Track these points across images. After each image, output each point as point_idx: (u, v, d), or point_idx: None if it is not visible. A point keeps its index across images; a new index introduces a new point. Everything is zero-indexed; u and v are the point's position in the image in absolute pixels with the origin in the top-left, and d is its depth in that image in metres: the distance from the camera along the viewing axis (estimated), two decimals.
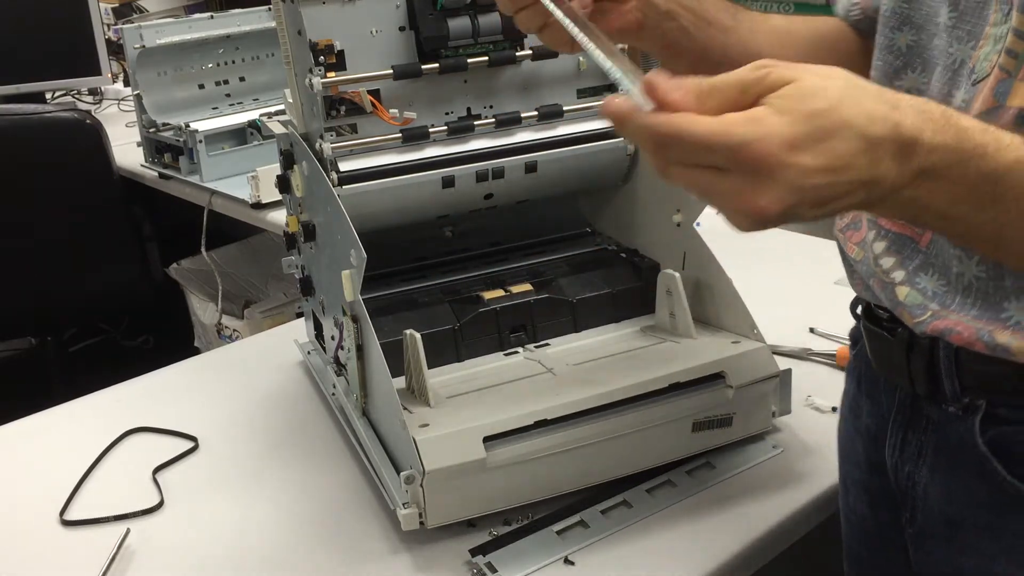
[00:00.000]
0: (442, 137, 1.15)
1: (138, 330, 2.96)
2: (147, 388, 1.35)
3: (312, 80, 1.08)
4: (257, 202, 2.00)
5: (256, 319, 2.27)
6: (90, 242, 2.37)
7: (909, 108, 0.57)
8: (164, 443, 1.20)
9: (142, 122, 2.30)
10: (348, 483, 1.09)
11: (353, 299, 1.01)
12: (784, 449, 1.08)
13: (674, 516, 1.00)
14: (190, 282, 2.46)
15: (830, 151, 0.55)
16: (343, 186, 1.11)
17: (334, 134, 1.11)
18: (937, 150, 0.56)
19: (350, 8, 1.09)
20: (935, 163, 0.57)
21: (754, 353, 1.07)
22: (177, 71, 2.33)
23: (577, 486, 1.02)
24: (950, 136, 0.57)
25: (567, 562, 0.94)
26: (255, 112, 2.26)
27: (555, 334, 1.18)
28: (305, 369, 1.35)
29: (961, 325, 0.71)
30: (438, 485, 0.94)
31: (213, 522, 1.05)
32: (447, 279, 1.24)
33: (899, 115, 0.56)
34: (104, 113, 3.01)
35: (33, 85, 2.82)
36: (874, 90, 0.57)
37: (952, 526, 0.77)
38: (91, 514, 1.06)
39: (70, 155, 2.29)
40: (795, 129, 0.55)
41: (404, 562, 0.96)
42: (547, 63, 1.17)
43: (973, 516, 0.74)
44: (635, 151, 1.22)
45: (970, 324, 0.71)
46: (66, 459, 1.16)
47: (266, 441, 1.19)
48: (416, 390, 1.05)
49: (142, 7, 3.42)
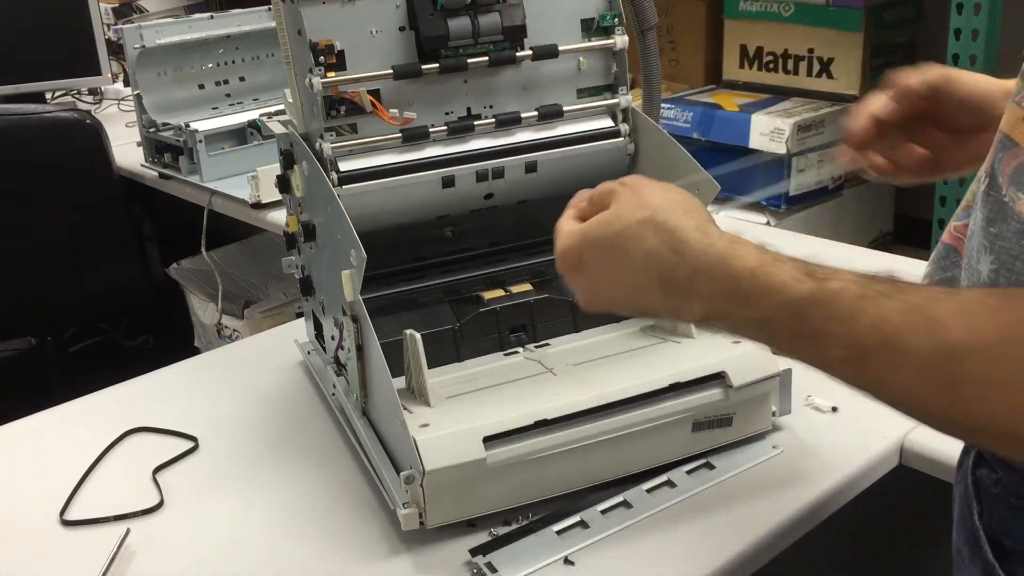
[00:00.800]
0: (442, 137, 1.15)
1: (138, 330, 2.96)
2: (147, 388, 1.35)
3: (312, 80, 1.08)
4: (257, 202, 2.00)
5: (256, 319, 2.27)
6: (90, 242, 2.36)
7: (690, 255, 0.60)
8: (164, 443, 1.20)
9: (142, 122, 2.30)
10: (348, 483, 1.09)
11: (353, 299, 1.01)
12: (784, 449, 1.08)
13: (674, 516, 1.00)
14: (190, 282, 2.46)
15: (617, 282, 0.65)
16: (343, 186, 1.11)
17: (334, 134, 1.11)
18: (707, 298, 0.60)
19: (350, 8, 1.09)
20: (710, 309, 0.61)
21: (754, 353, 1.07)
22: (177, 71, 2.33)
23: (577, 486, 1.02)
24: (719, 280, 0.59)
25: (567, 562, 0.94)
26: (255, 112, 2.26)
27: (555, 334, 1.18)
28: (305, 369, 1.35)
29: None
30: (438, 485, 0.94)
31: (213, 522, 1.05)
32: (447, 279, 1.24)
33: (676, 261, 0.61)
34: (104, 113, 3.01)
35: (33, 85, 2.82)
36: (671, 226, 0.62)
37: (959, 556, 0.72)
38: (91, 514, 1.06)
39: (70, 155, 2.29)
40: (585, 253, 0.68)
41: (404, 562, 0.96)
42: (547, 63, 1.17)
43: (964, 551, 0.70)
44: (635, 151, 1.22)
45: None
46: (66, 459, 1.16)
47: (266, 441, 1.19)
48: (416, 390, 1.05)
49: (142, 7, 3.42)
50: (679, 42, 2.64)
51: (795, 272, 0.57)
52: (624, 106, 1.22)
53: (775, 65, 2.46)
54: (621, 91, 1.22)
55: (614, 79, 1.22)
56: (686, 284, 0.61)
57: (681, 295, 0.61)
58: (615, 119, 1.22)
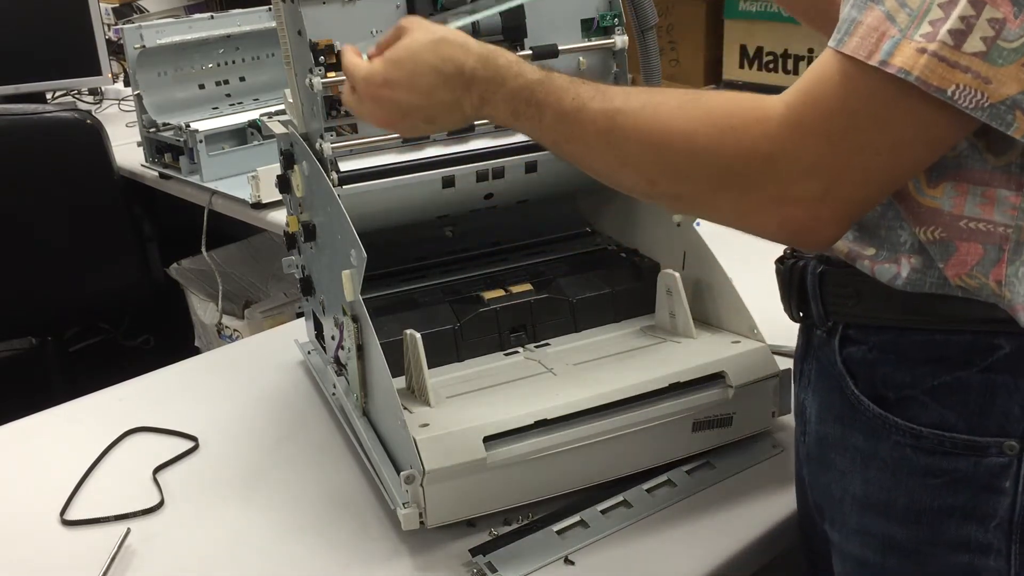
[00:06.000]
0: (442, 137, 1.15)
1: (138, 330, 2.96)
2: (147, 388, 1.35)
3: (312, 80, 1.08)
4: (257, 202, 2.00)
5: (256, 319, 2.27)
6: (90, 242, 2.36)
7: (476, 55, 0.80)
8: (164, 443, 1.20)
9: (142, 122, 2.30)
10: (348, 483, 1.09)
11: (353, 299, 1.01)
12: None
13: (674, 516, 1.00)
14: (190, 282, 2.46)
15: (414, 85, 0.81)
16: (343, 186, 1.11)
17: (334, 134, 1.11)
18: (482, 82, 0.79)
19: (350, 8, 1.09)
20: (483, 91, 0.80)
21: (754, 353, 1.07)
22: (177, 71, 2.32)
23: (577, 486, 1.02)
24: (491, 71, 0.79)
25: (567, 562, 0.94)
26: (255, 112, 2.26)
27: (555, 334, 1.18)
28: (305, 369, 1.35)
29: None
30: (438, 485, 0.94)
31: (213, 522, 1.05)
32: (447, 279, 1.24)
33: (464, 58, 0.80)
34: (104, 113, 3.01)
35: (33, 85, 2.82)
36: (460, 40, 0.81)
37: (822, 444, 0.81)
38: (91, 514, 1.06)
39: (70, 155, 2.28)
40: (388, 70, 0.83)
41: (404, 562, 0.96)
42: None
43: (833, 432, 0.80)
44: None
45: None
46: (66, 459, 1.16)
47: (266, 441, 1.19)
48: (416, 390, 1.05)
49: (142, 7, 3.42)
50: (679, 42, 2.64)
51: (534, 66, 0.79)
52: None
53: (775, 65, 2.46)
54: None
55: (614, 79, 1.22)
56: (469, 77, 0.79)
57: (463, 88, 0.80)
58: None
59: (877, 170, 0.65)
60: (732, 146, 0.67)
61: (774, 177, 0.65)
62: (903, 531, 0.75)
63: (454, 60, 0.80)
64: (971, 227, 0.68)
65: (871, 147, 0.64)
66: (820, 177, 0.64)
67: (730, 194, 0.68)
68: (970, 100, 0.60)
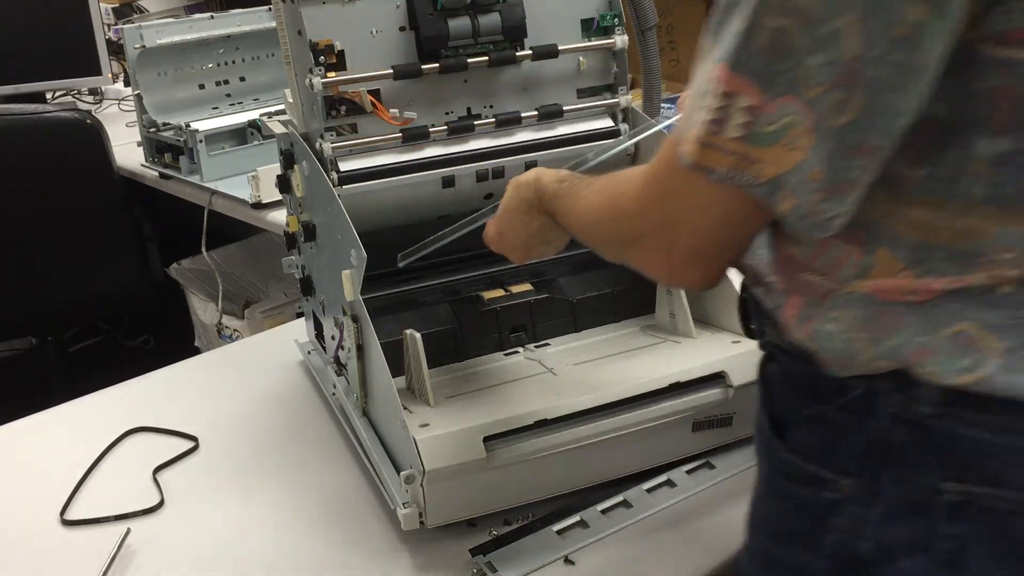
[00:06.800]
0: (442, 137, 1.15)
1: (138, 330, 2.96)
2: (147, 388, 1.35)
3: (312, 80, 1.08)
4: (257, 202, 2.00)
5: (256, 319, 2.27)
6: (90, 242, 2.36)
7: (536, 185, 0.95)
8: (164, 443, 1.20)
9: (142, 122, 2.30)
10: (348, 483, 1.09)
11: (353, 299, 1.01)
12: None
13: (674, 516, 1.00)
14: (190, 282, 2.45)
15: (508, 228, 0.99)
16: (343, 186, 1.11)
17: (334, 134, 1.11)
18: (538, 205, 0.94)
19: (350, 8, 1.09)
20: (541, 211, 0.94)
21: (754, 353, 1.06)
22: (177, 71, 2.32)
23: (577, 486, 1.02)
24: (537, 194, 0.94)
25: (567, 562, 0.94)
26: (255, 112, 2.26)
27: (555, 334, 1.18)
28: (305, 369, 1.35)
29: None
30: (438, 485, 0.94)
31: (213, 522, 1.05)
32: (447, 279, 1.24)
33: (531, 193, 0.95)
34: (104, 113, 3.00)
35: (33, 85, 2.82)
36: (530, 178, 0.96)
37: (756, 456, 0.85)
38: (91, 514, 1.06)
39: (70, 155, 2.28)
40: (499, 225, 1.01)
41: (404, 562, 0.96)
42: (547, 63, 1.17)
43: (756, 443, 0.83)
44: (635, 152, 1.22)
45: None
46: (66, 459, 1.16)
47: (266, 441, 1.19)
48: (416, 390, 1.05)
49: (142, 7, 3.42)
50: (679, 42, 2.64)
51: (556, 182, 0.92)
52: (624, 106, 1.22)
53: None
54: (621, 91, 1.22)
55: (614, 79, 1.22)
56: (536, 203, 0.94)
57: (536, 211, 0.94)
58: (615, 119, 1.22)
59: (703, 227, 0.71)
60: (619, 211, 0.80)
61: (642, 233, 0.75)
62: (768, 548, 0.79)
63: (526, 196, 0.96)
64: (796, 280, 0.73)
65: (691, 207, 0.70)
66: (664, 231, 0.72)
67: (629, 251, 0.79)
68: (744, 179, 0.65)
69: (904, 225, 0.66)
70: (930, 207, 0.64)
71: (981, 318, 0.64)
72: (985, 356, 0.64)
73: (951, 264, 0.64)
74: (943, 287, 0.65)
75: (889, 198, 0.65)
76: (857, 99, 0.60)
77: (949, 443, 0.66)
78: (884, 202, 0.66)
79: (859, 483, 0.70)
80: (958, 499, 0.66)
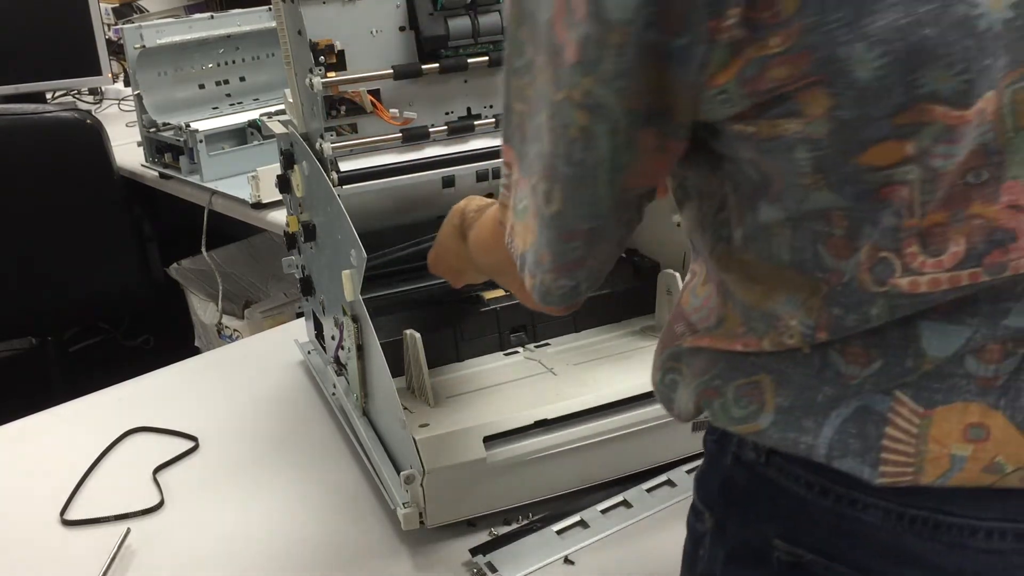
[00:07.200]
0: (442, 137, 1.15)
1: (138, 330, 2.96)
2: (147, 388, 1.35)
3: (312, 80, 1.08)
4: (257, 202, 2.00)
5: (256, 319, 2.27)
6: (90, 242, 2.36)
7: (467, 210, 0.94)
8: (164, 443, 1.20)
9: (142, 122, 2.30)
10: (348, 483, 1.09)
11: (353, 299, 1.01)
12: None
13: (674, 516, 1.00)
14: (190, 282, 2.45)
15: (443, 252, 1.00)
16: (343, 186, 1.11)
17: (334, 134, 1.11)
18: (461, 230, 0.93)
19: (350, 8, 1.09)
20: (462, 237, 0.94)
21: None
22: (177, 71, 2.32)
23: (577, 486, 1.02)
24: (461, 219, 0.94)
25: (567, 562, 0.94)
26: (255, 112, 2.26)
27: (555, 334, 1.18)
28: (305, 369, 1.35)
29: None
30: (438, 485, 0.94)
31: (213, 522, 1.05)
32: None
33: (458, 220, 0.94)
34: (104, 113, 3.01)
35: (33, 85, 2.81)
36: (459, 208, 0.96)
37: None
38: (91, 514, 1.06)
39: (70, 155, 2.28)
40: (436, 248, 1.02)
41: (404, 562, 0.96)
42: None
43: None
44: None
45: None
46: (66, 459, 1.16)
47: (266, 441, 1.19)
48: (416, 390, 1.05)
49: (142, 7, 3.42)
50: None
51: (476, 211, 0.92)
52: None
53: None
54: None
55: None
56: (463, 230, 0.93)
57: (461, 238, 0.93)
58: None
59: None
60: (484, 247, 0.85)
61: (501, 268, 0.79)
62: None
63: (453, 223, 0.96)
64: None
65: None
66: (512, 267, 0.72)
67: (501, 280, 0.85)
68: (511, 246, 0.69)
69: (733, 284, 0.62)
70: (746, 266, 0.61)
71: (778, 371, 0.60)
72: (763, 410, 0.60)
73: (764, 324, 0.60)
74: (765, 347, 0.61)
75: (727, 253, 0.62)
76: (557, 191, 0.60)
77: (777, 494, 0.62)
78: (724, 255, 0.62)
79: (714, 520, 0.69)
80: (789, 559, 0.62)
